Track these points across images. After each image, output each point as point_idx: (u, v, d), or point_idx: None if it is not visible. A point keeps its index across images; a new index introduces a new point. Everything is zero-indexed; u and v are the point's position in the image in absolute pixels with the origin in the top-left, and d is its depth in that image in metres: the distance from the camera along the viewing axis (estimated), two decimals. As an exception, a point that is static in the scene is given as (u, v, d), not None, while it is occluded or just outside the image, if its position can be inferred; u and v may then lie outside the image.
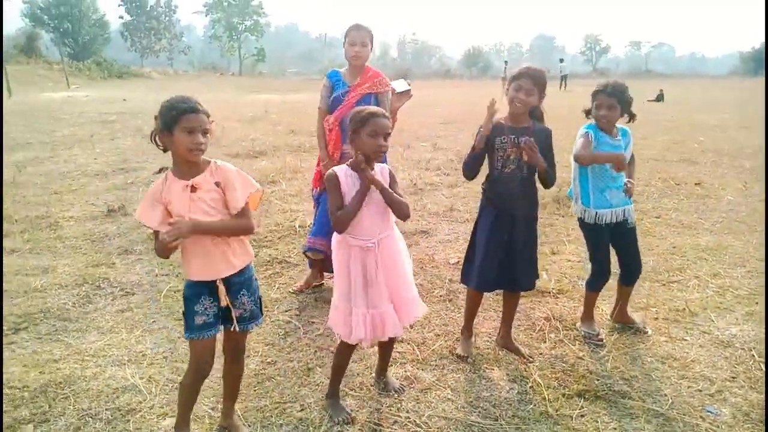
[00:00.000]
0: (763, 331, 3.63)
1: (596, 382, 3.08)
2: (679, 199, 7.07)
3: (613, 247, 3.60)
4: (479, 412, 2.83)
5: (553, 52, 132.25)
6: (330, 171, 2.67)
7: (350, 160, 2.68)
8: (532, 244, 3.35)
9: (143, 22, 72.99)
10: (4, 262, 4.80)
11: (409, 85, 4.54)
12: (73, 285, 4.44)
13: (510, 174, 3.19)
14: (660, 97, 24.42)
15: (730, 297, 4.18)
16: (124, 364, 3.30)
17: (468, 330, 3.48)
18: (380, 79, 4.23)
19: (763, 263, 4.81)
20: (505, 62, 42.32)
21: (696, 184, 7.81)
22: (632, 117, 3.46)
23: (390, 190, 2.64)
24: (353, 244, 2.63)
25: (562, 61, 39.30)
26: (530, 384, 3.07)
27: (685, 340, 3.56)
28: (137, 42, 73.02)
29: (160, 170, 8.83)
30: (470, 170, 3.29)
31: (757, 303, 4.05)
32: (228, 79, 54.09)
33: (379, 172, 2.68)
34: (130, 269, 4.79)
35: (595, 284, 3.62)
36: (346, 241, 2.65)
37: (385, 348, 3.02)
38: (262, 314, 2.64)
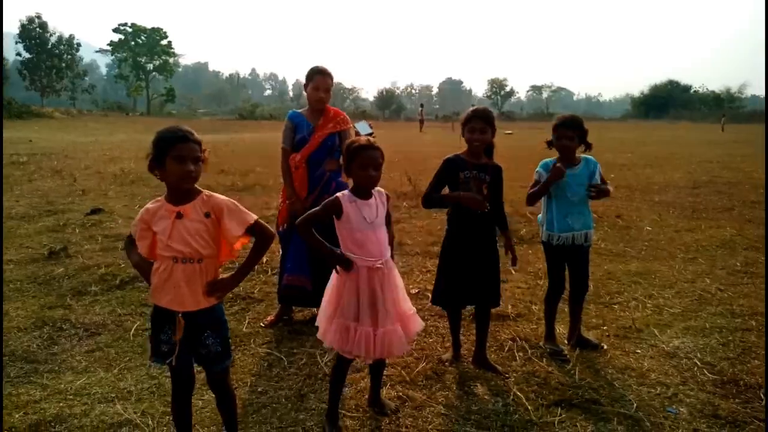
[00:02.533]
0: (701, 342, 4.10)
1: (569, 392, 3.37)
2: (604, 230, 7.68)
3: (567, 265, 3.99)
4: (472, 423, 3.05)
5: (461, 95, 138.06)
6: (336, 197, 2.85)
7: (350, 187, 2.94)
8: (495, 264, 3.71)
9: (43, 59, 70.05)
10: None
11: (371, 127, 4.74)
12: (32, 327, 4.29)
13: None
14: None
15: (667, 315, 4.65)
16: (112, 400, 3.26)
17: (454, 344, 3.85)
18: (342, 117, 4.50)
19: (690, 285, 5.38)
20: (421, 105, 44.29)
21: (616, 216, 8.52)
22: (588, 146, 3.88)
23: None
24: (362, 264, 2.82)
25: (473, 105, 42.70)
26: (512, 397, 3.33)
27: (637, 353, 3.95)
28: (37, 81, 69.85)
29: (93, 211, 8.60)
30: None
31: (690, 319, 4.53)
32: (137, 119, 52.69)
33: (378, 196, 2.94)
34: (89, 310, 4.68)
35: (553, 298, 4.02)
36: (355, 262, 2.83)
37: (377, 369, 3.18)
38: (230, 356, 2.61)
